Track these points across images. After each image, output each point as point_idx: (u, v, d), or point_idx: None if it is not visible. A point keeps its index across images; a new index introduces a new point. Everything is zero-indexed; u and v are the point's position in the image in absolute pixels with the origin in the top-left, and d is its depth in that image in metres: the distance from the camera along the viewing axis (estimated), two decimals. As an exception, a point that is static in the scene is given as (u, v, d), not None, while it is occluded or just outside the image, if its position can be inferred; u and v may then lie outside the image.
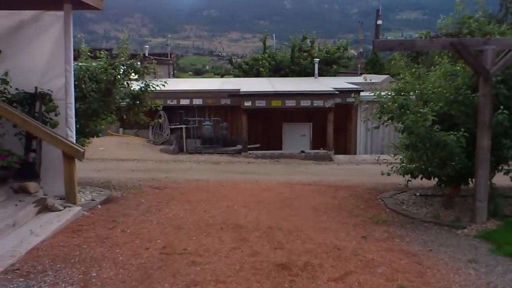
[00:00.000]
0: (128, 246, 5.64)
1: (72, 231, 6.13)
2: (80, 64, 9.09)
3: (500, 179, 7.66)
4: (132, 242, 5.79)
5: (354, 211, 7.79)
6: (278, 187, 9.91)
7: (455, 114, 7.19)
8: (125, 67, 9.51)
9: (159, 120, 18.88)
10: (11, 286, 4.46)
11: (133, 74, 9.74)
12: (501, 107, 6.58)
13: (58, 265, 4.95)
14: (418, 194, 8.89)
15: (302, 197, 8.82)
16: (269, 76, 29.89)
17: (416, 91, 7.77)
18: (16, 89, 7.48)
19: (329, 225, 6.86)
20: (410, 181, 7.95)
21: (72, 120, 7.48)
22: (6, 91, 7.40)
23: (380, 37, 35.03)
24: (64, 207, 6.84)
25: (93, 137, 9.28)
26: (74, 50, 7.61)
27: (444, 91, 7.39)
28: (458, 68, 7.79)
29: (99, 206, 7.58)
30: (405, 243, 6.10)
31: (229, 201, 8.25)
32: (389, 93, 7.90)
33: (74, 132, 7.55)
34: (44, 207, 6.68)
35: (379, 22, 36.94)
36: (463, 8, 8.08)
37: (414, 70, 8.31)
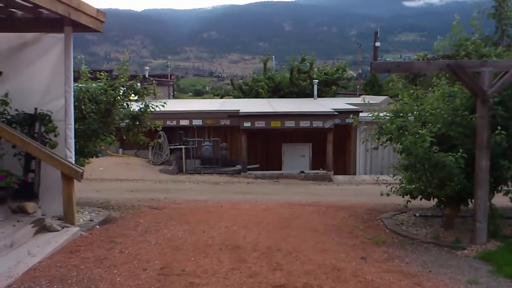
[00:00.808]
0: (126, 267, 5.59)
1: (69, 251, 6.09)
2: (80, 85, 9.15)
3: (500, 200, 7.65)
4: (130, 262, 5.75)
5: (353, 231, 7.76)
6: (277, 208, 9.87)
7: (453, 135, 7.20)
8: (125, 88, 9.56)
9: (159, 140, 18.91)
10: (7, 307, 4.42)
11: (133, 95, 9.78)
12: (499, 127, 6.60)
13: (55, 286, 4.91)
14: (417, 214, 8.85)
15: (301, 218, 8.78)
16: (269, 97, 30.12)
17: (414, 112, 7.81)
18: (16, 110, 7.52)
19: (329, 246, 6.82)
20: (410, 201, 7.93)
21: (72, 141, 7.48)
22: (6, 112, 7.44)
23: (379, 58, 35.40)
24: (62, 228, 6.81)
25: (92, 158, 9.29)
26: (74, 71, 7.64)
27: (442, 112, 7.43)
28: (456, 89, 7.85)
29: (98, 226, 7.54)
30: (405, 264, 6.06)
31: (228, 221, 8.21)
32: (388, 114, 7.95)
33: (73, 152, 7.54)
34: (42, 228, 6.64)
35: (378, 44, 37.37)
36: (460, 31, 8.21)
37: (412, 91, 8.38)
